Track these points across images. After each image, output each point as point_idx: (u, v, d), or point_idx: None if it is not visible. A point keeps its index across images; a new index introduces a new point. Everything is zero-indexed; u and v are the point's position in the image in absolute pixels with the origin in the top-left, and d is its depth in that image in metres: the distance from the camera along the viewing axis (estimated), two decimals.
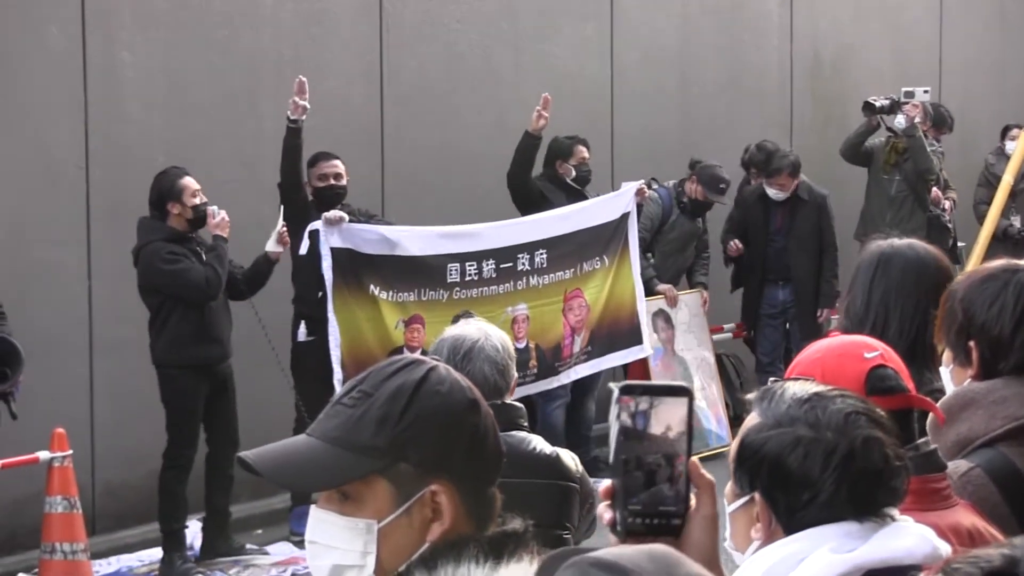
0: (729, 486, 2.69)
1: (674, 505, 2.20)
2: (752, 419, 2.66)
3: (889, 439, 2.61)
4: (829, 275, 12.79)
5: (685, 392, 2.20)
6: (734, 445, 2.68)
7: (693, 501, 2.23)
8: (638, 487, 2.19)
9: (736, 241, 12.86)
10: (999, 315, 3.74)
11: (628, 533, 2.19)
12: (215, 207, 9.32)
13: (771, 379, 2.80)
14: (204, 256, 9.30)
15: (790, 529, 2.58)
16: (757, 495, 2.60)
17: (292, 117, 9.64)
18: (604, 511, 2.23)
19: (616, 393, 2.18)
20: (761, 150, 13.15)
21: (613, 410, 2.18)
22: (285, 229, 9.62)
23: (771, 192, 12.70)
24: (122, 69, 10.20)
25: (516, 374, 5.06)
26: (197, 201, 9.27)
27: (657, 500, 2.19)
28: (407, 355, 2.51)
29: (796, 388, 2.67)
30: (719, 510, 2.31)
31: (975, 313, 3.77)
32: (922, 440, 3.25)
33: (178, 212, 9.24)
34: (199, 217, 9.29)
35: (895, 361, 3.28)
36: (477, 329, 4.97)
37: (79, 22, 9.94)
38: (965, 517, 3.18)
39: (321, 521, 2.42)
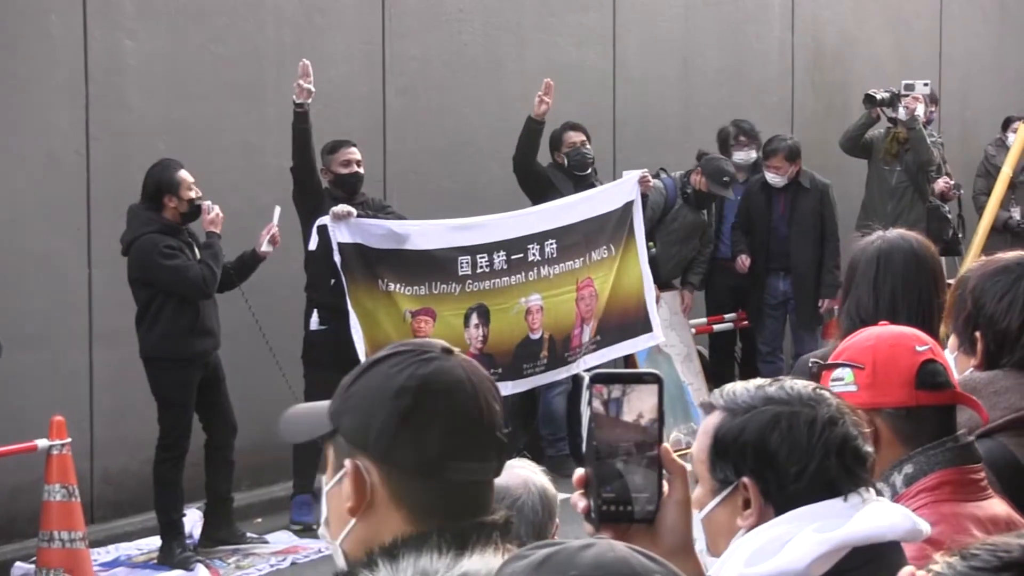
0: (699, 491, 2.65)
1: (647, 491, 2.20)
2: (715, 417, 2.65)
3: (850, 410, 2.66)
4: (831, 265, 12.58)
5: (656, 379, 2.20)
6: (700, 448, 2.66)
7: (665, 487, 2.23)
8: (611, 475, 2.19)
9: (744, 257, 12.75)
10: (1008, 309, 3.75)
11: (602, 520, 2.20)
12: (209, 202, 9.30)
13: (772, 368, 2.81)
14: (197, 250, 9.31)
15: (781, 506, 2.58)
16: (746, 479, 2.59)
17: (298, 101, 9.64)
18: (578, 499, 2.23)
19: (587, 381, 2.19)
20: (738, 127, 13.07)
21: (584, 398, 2.19)
22: (277, 230, 9.59)
23: (768, 176, 12.58)
24: (123, 56, 10.19)
25: (557, 522, 4.94)
26: (192, 195, 9.26)
27: (631, 486, 2.20)
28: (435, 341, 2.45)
29: (747, 383, 2.68)
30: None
31: (984, 304, 3.77)
32: (961, 432, 3.25)
33: (174, 205, 9.23)
34: (193, 211, 9.29)
35: (942, 356, 3.30)
36: (521, 482, 4.84)
37: (80, 9, 9.93)
38: (1002, 507, 3.19)
39: None
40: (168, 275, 9.10)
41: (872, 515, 2.56)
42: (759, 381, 2.67)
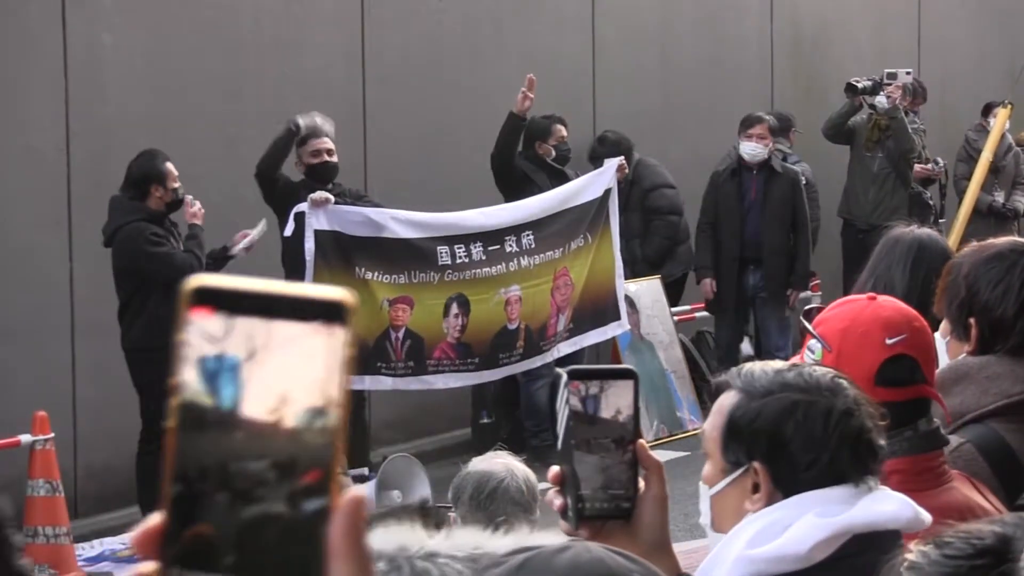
0: (709, 468, 2.67)
1: (624, 488, 2.19)
2: (731, 397, 2.66)
3: (866, 401, 2.66)
4: (803, 255, 12.17)
5: (631, 375, 2.20)
6: (714, 426, 2.67)
7: (642, 484, 2.23)
8: (588, 472, 2.19)
9: (709, 282, 12.28)
10: (1003, 296, 3.73)
11: (579, 518, 2.19)
12: (191, 196, 9.35)
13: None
14: (181, 240, 9.35)
15: (790, 493, 2.59)
16: (757, 464, 2.60)
17: (299, 124, 9.70)
18: (553, 497, 2.23)
19: (564, 379, 2.18)
20: (603, 142, 12.63)
21: (561, 395, 2.18)
22: (255, 238, 9.63)
23: (746, 149, 12.05)
24: (103, 50, 10.16)
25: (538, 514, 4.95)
26: (177, 186, 9.33)
27: (607, 484, 2.19)
28: None
29: (768, 364, 2.69)
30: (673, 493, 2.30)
31: (979, 291, 3.75)
32: (923, 419, 3.23)
33: (160, 195, 9.26)
34: (176, 202, 9.35)
35: (921, 344, 3.25)
36: (503, 467, 4.81)
37: (59, 3, 9.89)
38: (958, 494, 3.16)
39: None
40: (155, 263, 9.11)
41: (875, 503, 2.57)
42: (778, 365, 2.68)
